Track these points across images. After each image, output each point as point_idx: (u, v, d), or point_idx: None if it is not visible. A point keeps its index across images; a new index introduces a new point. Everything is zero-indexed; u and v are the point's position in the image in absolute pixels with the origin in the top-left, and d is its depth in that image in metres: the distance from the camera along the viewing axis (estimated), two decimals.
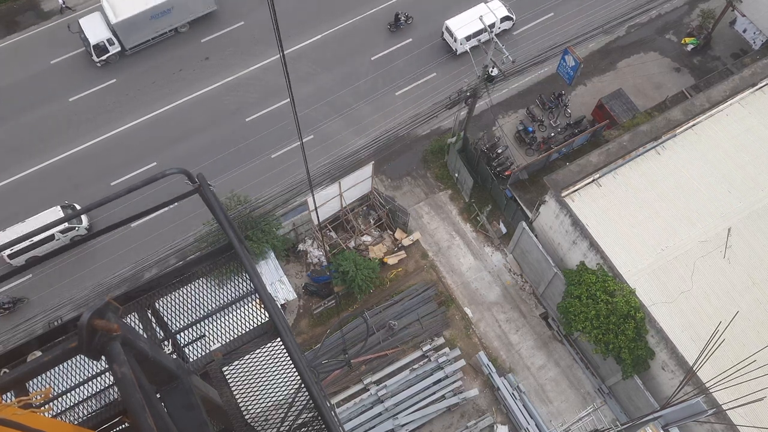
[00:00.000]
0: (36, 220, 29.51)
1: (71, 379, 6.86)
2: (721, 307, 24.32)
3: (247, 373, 7.61)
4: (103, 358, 4.77)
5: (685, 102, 28.75)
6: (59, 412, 6.70)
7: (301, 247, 31.37)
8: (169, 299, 7.27)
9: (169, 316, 7.31)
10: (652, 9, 34.58)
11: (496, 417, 27.94)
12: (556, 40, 32.47)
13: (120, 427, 6.41)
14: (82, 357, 6.11)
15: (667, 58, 36.41)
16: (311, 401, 7.20)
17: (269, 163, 32.70)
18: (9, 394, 5.90)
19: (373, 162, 29.17)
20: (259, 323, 7.48)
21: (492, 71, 26.35)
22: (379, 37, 36.73)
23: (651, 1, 32.09)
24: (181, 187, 5.99)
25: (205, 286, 7.45)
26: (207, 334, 7.49)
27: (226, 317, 7.56)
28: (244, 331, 7.43)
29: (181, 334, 7.41)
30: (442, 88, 34.14)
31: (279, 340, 7.25)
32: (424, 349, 28.72)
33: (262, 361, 7.58)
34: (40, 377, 6.36)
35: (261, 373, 7.58)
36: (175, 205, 6.61)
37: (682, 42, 36.65)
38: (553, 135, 33.73)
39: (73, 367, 6.91)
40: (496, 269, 31.27)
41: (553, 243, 27.59)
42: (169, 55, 36.01)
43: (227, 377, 7.46)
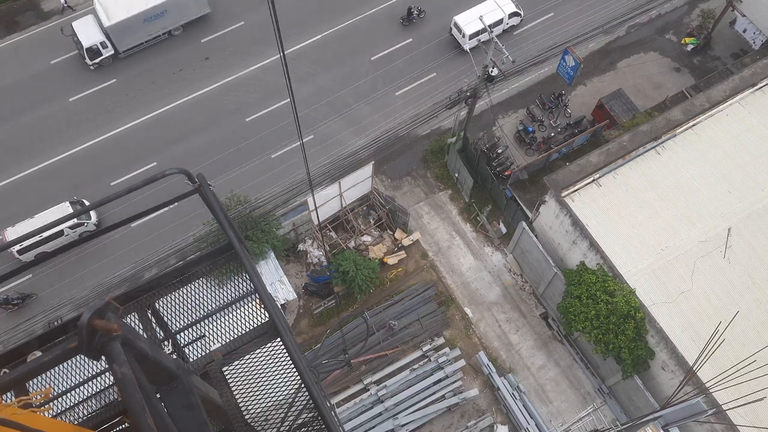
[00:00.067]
0: (45, 216, 29.48)
1: (71, 379, 6.86)
2: (721, 307, 24.32)
3: (247, 373, 7.61)
4: (103, 358, 4.77)
5: (685, 102, 28.74)
6: (59, 412, 6.70)
7: (301, 247, 31.36)
8: (169, 299, 7.27)
9: (169, 316, 7.31)
10: (652, 9, 34.56)
11: (496, 417, 27.94)
12: (556, 40, 32.46)
13: (120, 427, 6.42)
14: (82, 357, 6.11)
15: (667, 58, 36.40)
16: (311, 401, 7.20)
17: (269, 163, 32.69)
18: (9, 394, 5.90)
19: (373, 162, 29.16)
20: (259, 323, 7.48)
21: (492, 71, 26.35)
22: (383, 34, 36.67)
23: (651, 1, 32.07)
24: (181, 187, 6.00)
25: (205, 286, 7.45)
26: (207, 334, 7.49)
27: (226, 317, 7.56)
28: (244, 331, 7.43)
29: (181, 334, 7.41)
30: (442, 88, 34.12)
31: (279, 340, 7.25)
32: (424, 349, 28.72)
33: (262, 361, 7.58)
34: (40, 377, 6.35)
35: (261, 373, 7.57)
36: (175, 205, 6.61)
37: (682, 42, 36.64)
38: (553, 135, 33.71)
39: (73, 367, 6.90)
40: (496, 269, 31.27)
41: (553, 243, 27.59)
42: (168, 56, 35.97)
43: (227, 377, 7.46)
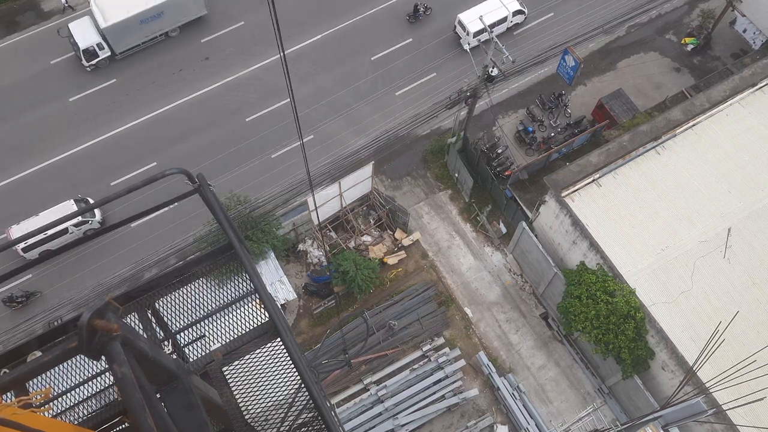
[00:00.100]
0: (49, 215, 29.45)
1: (71, 379, 6.85)
2: (721, 307, 24.33)
3: (247, 373, 7.61)
4: (103, 358, 4.77)
5: (685, 102, 28.74)
6: (59, 412, 6.70)
7: (301, 247, 31.36)
8: (169, 299, 7.27)
9: (169, 316, 7.31)
10: (652, 9, 34.56)
11: (496, 417, 27.94)
12: (556, 40, 32.44)
13: (120, 427, 6.41)
14: (82, 357, 6.11)
15: (667, 58, 36.40)
16: (311, 401, 7.20)
17: (269, 163, 32.69)
18: (9, 394, 5.90)
19: (373, 162, 29.16)
20: (259, 323, 7.48)
21: (492, 71, 26.34)
22: (384, 34, 36.66)
23: (651, 1, 32.07)
24: (181, 187, 6.00)
25: (205, 286, 7.45)
26: (207, 334, 7.49)
27: (226, 317, 7.56)
28: (244, 331, 7.43)
29: (181, 334, 7.41)
30: (442, 88, 34.11)
31: (279, 340, 7.25)
32: (424, 349, 28.72)
33: (262, 361, 7.57)
34: (40, 377, 6.35)
35: (261, 373, 7.57)
36: (175, 205, 6.61)
37: (682, 42, 36.64)
38: (553, 135, 33.71)
39: (73, 367, 6.90)
40: (496, 269, 31.27)
41: (553, 243, 27.59)
42: (168, 56, 35.97)
43: (227, 377, 7.46)
